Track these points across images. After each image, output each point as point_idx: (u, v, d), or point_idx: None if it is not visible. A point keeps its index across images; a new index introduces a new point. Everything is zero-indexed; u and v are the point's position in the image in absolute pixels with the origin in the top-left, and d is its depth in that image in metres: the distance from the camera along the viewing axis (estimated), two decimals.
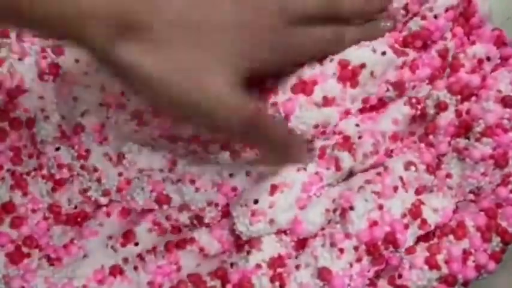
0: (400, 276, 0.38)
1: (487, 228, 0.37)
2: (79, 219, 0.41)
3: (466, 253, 0.37)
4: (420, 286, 0.38)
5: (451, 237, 0.38)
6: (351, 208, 0.37)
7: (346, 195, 0.38)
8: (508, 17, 0.43)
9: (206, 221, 0.40)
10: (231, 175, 0.40)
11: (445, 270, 0.37)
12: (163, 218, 0.40)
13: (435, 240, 0.38)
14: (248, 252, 0.38)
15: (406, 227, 0.37)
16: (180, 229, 0.41)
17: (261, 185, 0.39)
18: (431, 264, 0.37)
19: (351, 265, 0.37)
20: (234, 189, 0.40)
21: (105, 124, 0.40)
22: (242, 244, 0.39)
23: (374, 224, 0.37)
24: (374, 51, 0.38)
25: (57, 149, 0.40)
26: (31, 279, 0.40)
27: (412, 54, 0.40)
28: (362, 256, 0.37)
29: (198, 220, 0.40)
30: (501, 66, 0.40)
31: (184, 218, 0.40)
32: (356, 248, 0.37)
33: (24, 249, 0.40)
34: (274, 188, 0.38)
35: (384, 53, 0.38)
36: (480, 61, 0.40)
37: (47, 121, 0.40)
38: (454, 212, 0.39)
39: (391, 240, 0.37)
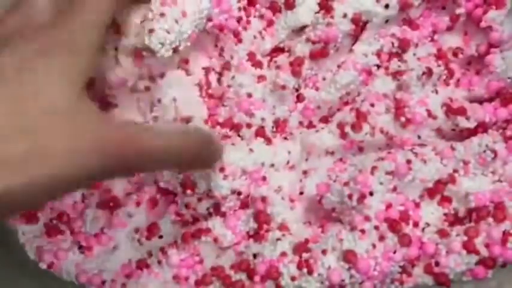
0: (437, 263, 0.36)
1: None
2: (111, 204, 0.41)
3: (505, 234, 0.35)
4: (459, 273, 0.36)
5: (490, 219, 0.36)
6: (371, 194, 0.37)
7: (361, 179, 0.37)
8: None
9: (223, 209, 0.39)
10: (263, 164, 0.39)
11: (484, 253, 0.35)
12: (183, 207, 0.40)
13: (471, 223, 0.36)
14: (278, 239, 0.38)
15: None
16: (198, 219, 0.40)
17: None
18: (470, 248, 0.35)
19: (374, 246, 0.36)
20: (264, 178, 0.39)
21: None
22: (259, 234, 0.39)
23: (390, 205, 0.37)
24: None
25: None
26: (62, 257, 0.40)
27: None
28: (385, 235, 0.36)
29: (215, 209, 0.39)
30: None
31: (202, 208, 0.39)
32: (377, 227, 0.36)
33: (60, 225, 0.40)
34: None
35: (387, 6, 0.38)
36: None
37: None
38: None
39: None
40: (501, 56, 0.39)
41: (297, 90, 0.40)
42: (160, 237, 0.40)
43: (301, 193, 0.40)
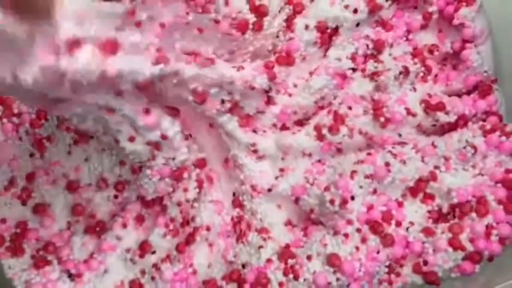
0: (425, 262, 0.36)
1: (508, 199, 0.36)
2: (98, 229, 0.41)
3: (488, 228, 0.35)
4: (447, 270, 0.36)
5: (473, 215, 0.36)
6: (352, 198, 0.37)
7: (342, 184, 0.37)
8: None
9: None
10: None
11: (470, 248, 0.36)
12: (174, 207, 0.40)
13: (455, 220, 0.37)
14: (260, 247, 0.38)
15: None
16: (188, 222, 0.40)
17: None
18: (455, 245, 0.36)
19: (358, 248, 0.36)
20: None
21: None
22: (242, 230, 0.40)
23: (371, 207, 0.37)
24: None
25: None
26: None
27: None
28: (367, 236, 0.36)
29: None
30: None
31: (191, 194, 0.40)
32: (359, 230, 0.36)
33: (47, 256, 0.40)
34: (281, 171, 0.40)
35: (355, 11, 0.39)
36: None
37: None
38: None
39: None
40: (476, 50, 0.40)
41: (266, 92, 0.39)
42: (153, 252, 0.40)
43: (269, 190, 0.39)
